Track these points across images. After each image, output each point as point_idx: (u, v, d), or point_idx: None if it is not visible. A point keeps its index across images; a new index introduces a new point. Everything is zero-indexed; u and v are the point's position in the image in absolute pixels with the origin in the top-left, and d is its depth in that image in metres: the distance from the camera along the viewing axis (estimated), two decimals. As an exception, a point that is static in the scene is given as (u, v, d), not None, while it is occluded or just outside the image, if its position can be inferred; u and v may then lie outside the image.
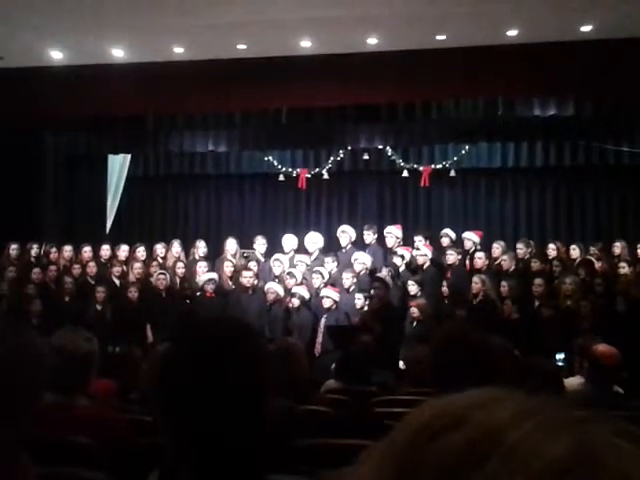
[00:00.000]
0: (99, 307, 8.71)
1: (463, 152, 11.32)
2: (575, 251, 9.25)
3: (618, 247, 9.31)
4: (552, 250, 9.26)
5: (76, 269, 9.47)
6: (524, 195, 11.75)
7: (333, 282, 8.91)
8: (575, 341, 6.27)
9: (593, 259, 8.93)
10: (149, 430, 2.88)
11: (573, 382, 4.69)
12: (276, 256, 9.43)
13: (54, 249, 9.92)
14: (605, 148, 10.88)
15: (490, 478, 0.46)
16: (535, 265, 8.84)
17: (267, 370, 1.41)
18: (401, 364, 7.38)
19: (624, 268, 8.50)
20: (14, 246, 9.80)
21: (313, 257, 9.58)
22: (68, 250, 9.89)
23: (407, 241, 9.67)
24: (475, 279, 8.33)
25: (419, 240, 9.40)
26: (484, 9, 8.05)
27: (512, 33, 8.78)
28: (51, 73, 9.93)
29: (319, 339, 8.37)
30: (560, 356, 6.53)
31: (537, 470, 0.46)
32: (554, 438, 0.48)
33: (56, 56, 9.75)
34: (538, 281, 8.24)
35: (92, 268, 9.45)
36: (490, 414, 0.50)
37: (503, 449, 0.47)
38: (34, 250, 9.92)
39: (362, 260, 9.06)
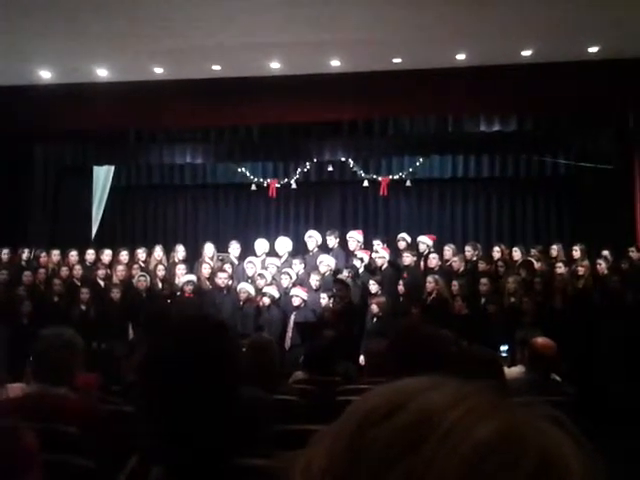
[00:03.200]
0: (83, 307, 8.59)
1: (417, 164, 11.42)
2: (517, 253, 9.33)
3: (555, 249, 9.44)
4: (497, 252, 9.33)
5: (64, 271, 9.34)
6: (472, 203, 11.88)
7: (300, 282, 8.91)
8: (517, 334, 6.36)
9: (533, 260, 9.03)
10: (129, 419, 2.85)
11: (515, 371, 4.75)
12: (249, 259, 9.41)
13: (43, 253, 9.76)
14: (543, 160, 11.06)
15: (427, 459, 0.47)
16: (482, 266, 8.91)
17: (239, 363, 1.40)
18: (361, 357, 7.39)
19: (560, 268, 8.62)
20: (5, 251, 9.63)
21: (283, 260, 9.56)
22: (56, 254, 9.74)
23: (367, 245, 9.70)
24: (429, 279, 8.37)
25: (378, 244, 9.43)
26: (435, 35, 8.13)
27: (460, 57, 8.87)
28: (40, 91, 9.78)
29: (289, 334, 8.35)
30: (504, 347, 6.59)
31: (468, 451, 0.46)
32: (484, 421, 0.48)
33: (45, 75, 9.61)
34: (484, 280, 8.31)
35: (78, 271, 9.32)
36: (427, 400, 0.50)
37: (439, 432, 0.48)
38: (25, 254, 9.76)
39: (327, 262, 9.07)
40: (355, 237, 9.70)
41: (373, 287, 8.45)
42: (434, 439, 0.47)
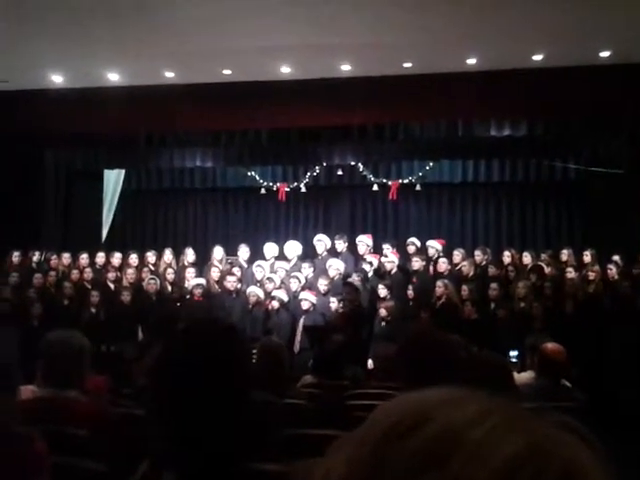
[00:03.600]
0: (93, 310, 8.63)
1: (427, 168, 11.40)
2: (527, 258, 9.30)
3: (565, 254, 9.40)
4: (507, 257, 9.30)
5: (74, 274, 9.38)
6: (482, 207, 11.85)
7: (309, 286, 8.91)
8: (527, 339, 6.33)
9: (543, 265, 9.00)
10: (140, 423, 2.85)
11: (525, 376, 4.73)
12: (258, 262, 9.41)
13: (54, 256, 9.81)
14: (554, 165, 11.02)
15: (456, 472, 0.47)
16: (491, 270, 8.88)
17: (248, 366, 1.40)
18: (370, 361, 7.38)
19: (571, 273, 8.59)
20: (16, 253, 9.67)
21: (292, 263, 9.57)
22: (67, 257, 9.79)
23: (376, 249, 9.69)
24: (438, 283, 8.36)
25: (387, 248, 9.42)
26: (445, 39, 8.12)
27: (471, 61, 8.86)
28: (52, 95, 9.85)
29: (298, 338, 8.35)
30: (514, 353, 6.56)
31: (498, 465, 0.47)
32: (509, 436, 0.49)
33: (57, 79, 9.67)
34: (494, 285, 8.29)
35: (88, 274, 9.36)
36: (453, 414, 0.50)
37: (467, 446, 0.48)
38: (35, 257, 9.80)
39: (336, 266, 9.06)
40: (364, 241, 9.69)
41: (382, 291, 8.44)
42: (464, 452, 0.48)
